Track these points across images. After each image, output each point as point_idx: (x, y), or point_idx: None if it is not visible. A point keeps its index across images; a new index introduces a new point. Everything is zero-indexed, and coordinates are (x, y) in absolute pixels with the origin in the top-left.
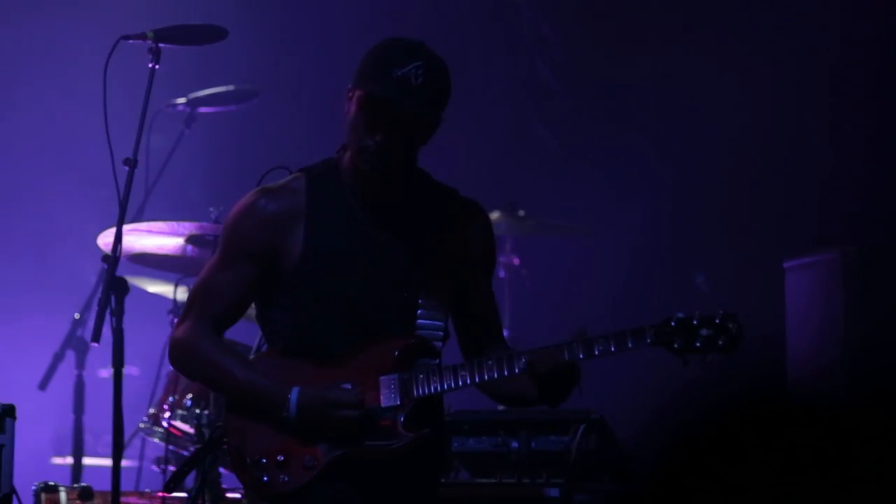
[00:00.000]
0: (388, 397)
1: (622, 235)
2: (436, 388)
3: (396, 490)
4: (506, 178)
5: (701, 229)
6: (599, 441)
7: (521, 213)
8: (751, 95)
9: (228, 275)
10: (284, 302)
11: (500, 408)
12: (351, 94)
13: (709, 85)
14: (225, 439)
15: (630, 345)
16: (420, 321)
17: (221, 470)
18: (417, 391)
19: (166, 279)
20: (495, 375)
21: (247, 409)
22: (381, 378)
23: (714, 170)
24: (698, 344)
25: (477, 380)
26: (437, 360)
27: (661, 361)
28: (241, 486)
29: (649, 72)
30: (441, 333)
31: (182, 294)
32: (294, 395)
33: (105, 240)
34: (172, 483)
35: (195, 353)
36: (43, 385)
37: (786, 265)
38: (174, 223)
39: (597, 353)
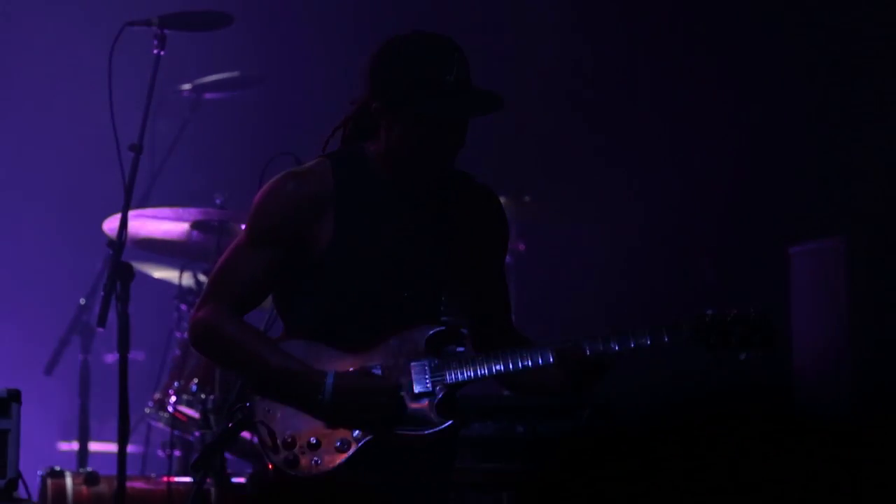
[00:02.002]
0: (420, 383)
1: (628, 222)
2: (469, 376)
3: (418, 474)
4: (511, 163)
5: (707, 215)
6: (604, 425)
7: (527, 198)
8: (757, 81)
9: (254, 257)
10: (309, 288)
11: (506, 392)
12: (390, 105)
13: (715, 71)
14: (258, 420)
15: (666, 339)
16: (446, 305)
17: (227, 455)
18: (450, 377)
19: (171, 265)
20: (529, 365)
21: (276, 392)
22: (412, 364)
23: (720, 155)
24: (734, 340)
25: (511, 368)
26: (464, 348)
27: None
28: (244, 471)
29: (656, 59)
30: (462, 317)
31: (187, 279)
32: (330, 378)
33: (110, 225)
34: (200, 463)
35: (220, 334)
36: (49, 370)
37: (791, 251)
38: (179, 209)
39: (632, 345)
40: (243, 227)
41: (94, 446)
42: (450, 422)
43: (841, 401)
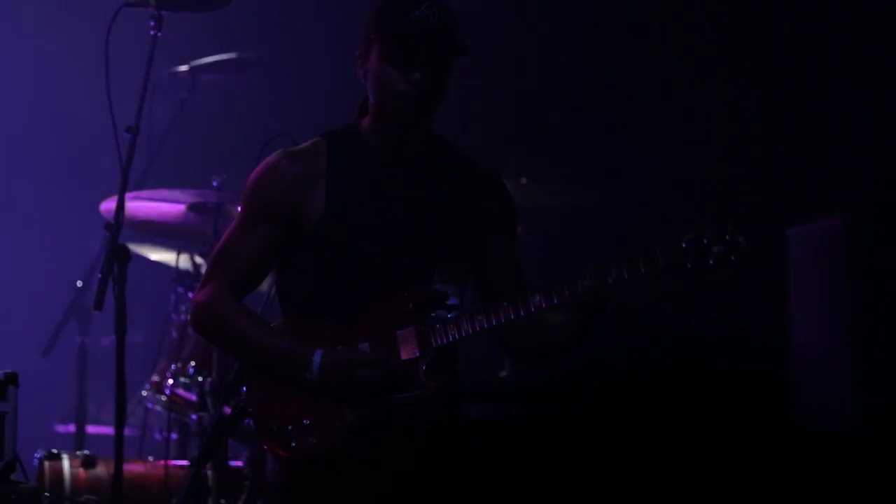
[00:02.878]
0: (407, 350)
1: (627, 203)
2: (453, 336)
3: (419, 445)
4: (508, 145)
5: (704, 196)
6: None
7: (524, 181)
8: (755, 62)
9: (250, 237)
10: (303, 264)
11: (502, 374)
12: (365, 52)
13: (712, 53)
14: (249, 409)
15: (643, 269)
16: (436, 280)
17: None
18: (436, 341)
19: (169, 247)
20: (511, 316)
21: (269, 375)
22: (399, 332)
23: (718, 136)
24: (711, 261)
25: (494, 322)
26: (453, 313)
27: (664, 323)
28: (241, 454)
29: (654, 40)
30: (460, 292)
31: (184, 262)
32: (317, 356)
33: (107, 207)
34: (202, 459)
35: (216, 317)
36: (46, 352)
37: (789, 232)
38: (176, 191)
39: (610, 281)
40: (240, 209)
41: (91, 429)
42: (437, 383)
43: (839, 382)
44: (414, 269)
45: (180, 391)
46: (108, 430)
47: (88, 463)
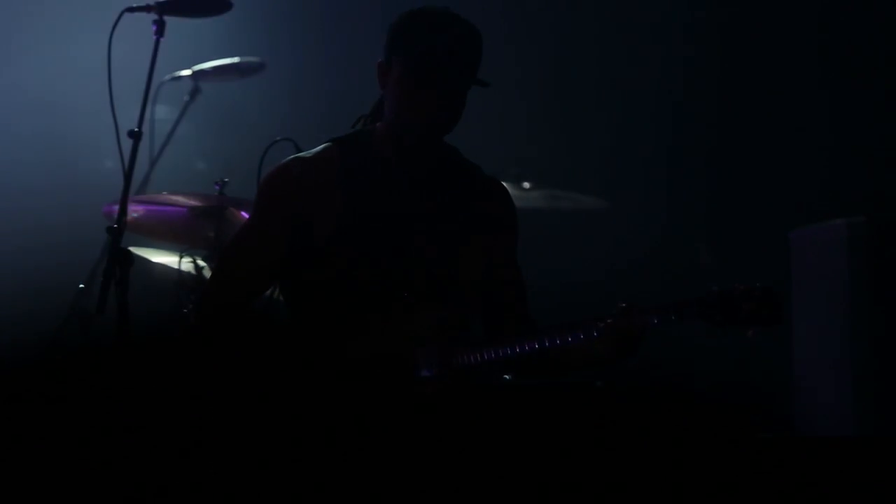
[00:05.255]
0: (427, 369)
1: (628, 207)
2: (476, 360)
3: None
4: (510, 149)
5: (705, 199)
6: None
7: (527, 185)
8: (758, 65)
9: (260, 242)
10: (314, 274)
11: (505, 378)
12: (386, 68)
13: (715, 57)
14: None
15: (673, 318)
16: (451, 293)
17: None
18: (457, 362)
19: (171, 251)
20: (536, 347)
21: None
22: (418, 350)
23: (720, 139)
24: (741, 317)
25: (518, 352)
26: (468, 333)
27: (662, 330)
28: None
29: (656, 45)
30: (468, 305)
31: (187, 265)
32: (332, 364)
33: (109, 211)
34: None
35: (225, 321)
36: (48, 355)
37: (791, 235)
38: (179, 195)
39: (638, 322)
40: (243, 213)
41: None
42: (458, 406)
43: (842, 386)
44: (429, 280)
45: None
46: None
47: None
